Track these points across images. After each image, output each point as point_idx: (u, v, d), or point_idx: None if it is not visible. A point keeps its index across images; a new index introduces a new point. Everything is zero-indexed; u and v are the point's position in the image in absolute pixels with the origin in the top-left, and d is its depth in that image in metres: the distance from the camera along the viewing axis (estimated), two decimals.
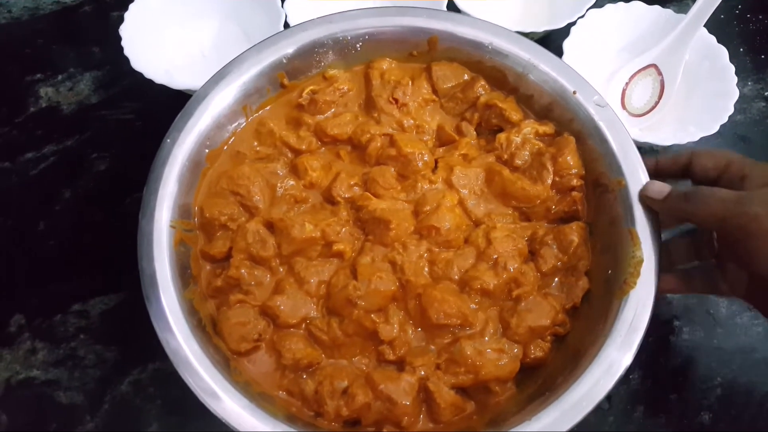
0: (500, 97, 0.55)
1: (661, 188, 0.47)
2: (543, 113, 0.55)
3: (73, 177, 0.66)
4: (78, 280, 0.61)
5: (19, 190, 0.66)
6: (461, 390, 0.48)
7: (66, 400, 0.56)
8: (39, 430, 0.55)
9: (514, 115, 0.54)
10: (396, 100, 0.56)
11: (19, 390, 0.56)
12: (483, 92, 0.56)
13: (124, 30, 0.65)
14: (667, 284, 0.49)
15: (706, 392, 0.55)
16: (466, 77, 0.57)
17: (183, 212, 0.50)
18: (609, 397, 0.43)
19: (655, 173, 0.50)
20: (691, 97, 0.64)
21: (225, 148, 0.54)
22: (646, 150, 0.65)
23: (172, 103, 0.53)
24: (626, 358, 0.44)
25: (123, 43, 0.64)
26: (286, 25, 0.65)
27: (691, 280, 0.50)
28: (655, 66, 0.65)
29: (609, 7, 0.68)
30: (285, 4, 0.67)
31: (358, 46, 0.56)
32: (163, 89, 0.63)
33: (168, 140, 0.50)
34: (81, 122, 0.68)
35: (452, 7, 0.68)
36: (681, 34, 0.64)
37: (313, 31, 0.55)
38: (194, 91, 0.52)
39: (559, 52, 0.62)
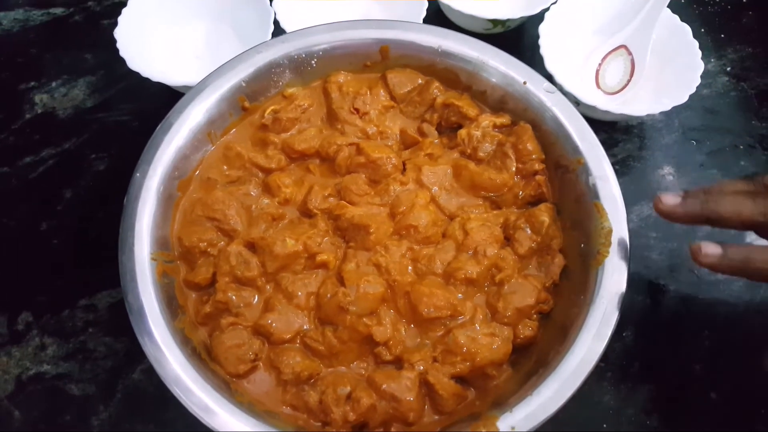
0: (455, 95, 0.58)
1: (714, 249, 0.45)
2: (498, 106, 0.58)
3: (74, 178, 0.66)
4: (83, 276, 0.60)
5: (20, 193, 0.65)
6: (460, 379, 0.49)
7: (78, 391, 0.56)
8: (53, 423, 0.54)
9: (471, 110, 0.57)
10: (357, 110, 0.57)
11: (30, 385, 0.56)
12: (438, 93, 0.58)
13: (119, 33, 0.65)
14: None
15: (696, 345, 0.58)
16: (420, 81, 0.59)
17: (161, 244, 0.50)
18: (605, 355, 0.45)
19: None
20: (662, 71, 0.68)
21: (197, 173, 0.54)
22: (621, 124, 0.69)
23: (166, 104, 0.54)
24: (611, 323, 0.46)
25: (118, 45, 0.64)
26: (276, 23, 0.66)
27: None
28: (625, 47, 0.69)
29: None
30: (274, 2, 0.68)
31: (313, 62, 0.57)
32: (157, 91, 0.64)
33: (138, 174, 0.50)
34: (78, 126, 0.69)
35: None
36: (646, 17, 0.67)
37: (268, 53, 0.56)
38: (190, 88, 0.54)
39: (535, 37, 0.66)
